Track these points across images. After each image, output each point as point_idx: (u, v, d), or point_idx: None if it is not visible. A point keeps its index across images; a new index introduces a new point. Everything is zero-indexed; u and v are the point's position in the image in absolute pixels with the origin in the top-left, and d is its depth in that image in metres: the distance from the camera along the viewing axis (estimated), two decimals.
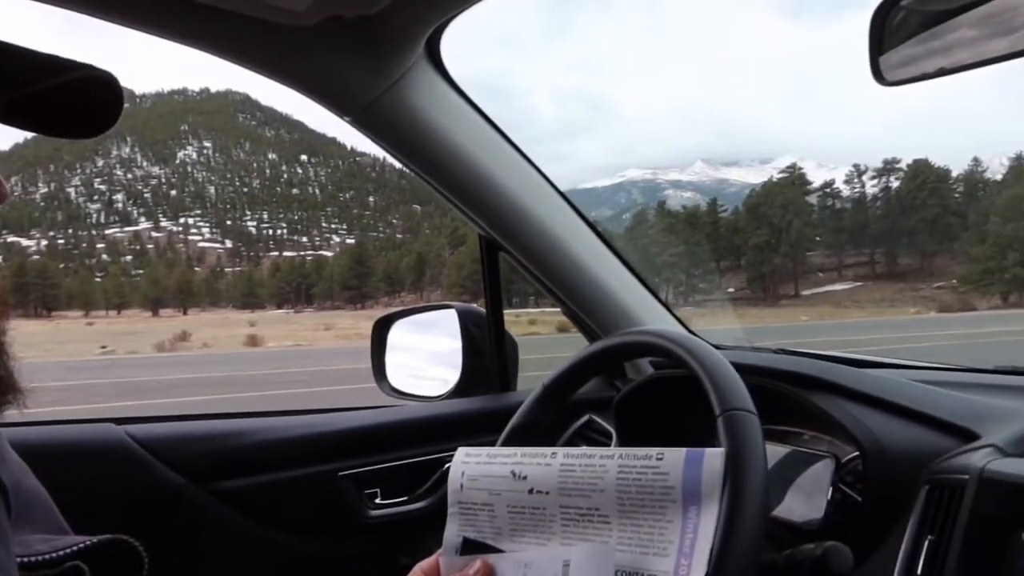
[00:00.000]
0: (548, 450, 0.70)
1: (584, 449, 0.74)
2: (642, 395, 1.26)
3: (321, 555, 1.32)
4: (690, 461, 0.63)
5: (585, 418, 1.43)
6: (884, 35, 0.88)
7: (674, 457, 0.63)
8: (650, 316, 1.45)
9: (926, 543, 0.86)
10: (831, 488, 1.00)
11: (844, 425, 1.00)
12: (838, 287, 71.68)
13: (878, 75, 0.90)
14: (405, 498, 1.36)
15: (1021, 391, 1.18)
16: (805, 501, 1.03)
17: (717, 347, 0.93)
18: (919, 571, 0.85)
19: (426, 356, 1.65)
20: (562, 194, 1.36)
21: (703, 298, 47.47)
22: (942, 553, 0.84)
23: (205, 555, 1.23)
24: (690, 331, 1.40)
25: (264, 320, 57.76)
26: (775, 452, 1.09)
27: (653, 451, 0.64)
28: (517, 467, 0.69)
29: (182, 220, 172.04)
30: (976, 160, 67.34)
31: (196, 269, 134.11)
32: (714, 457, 0.63)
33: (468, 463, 0.73)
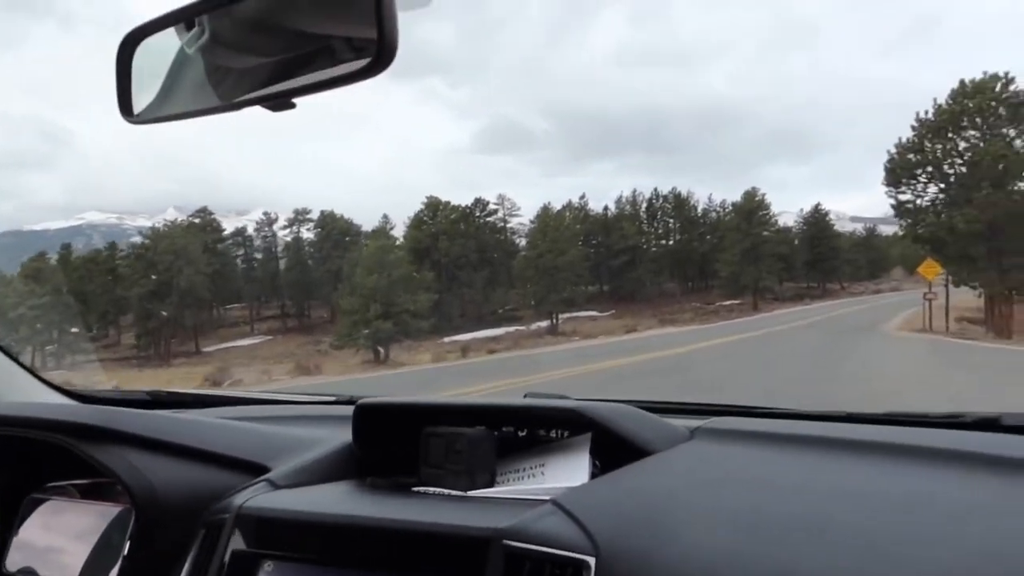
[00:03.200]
0: None
1: None
2: None
3: None
4: None
5: None
6: (131, 72, 0.88)
7: None
8: None
9: None
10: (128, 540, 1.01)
11: (119, 475, 0.99)
12: (245, 342, 66.49)
13: (127, 112, 0.89)
14: None
15: (322, 420, 1.27)
16: (99, 557, 1.03)
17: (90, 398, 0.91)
18: None
19: None
20: None
21: (84, 358, 42.60)
22: None
23: None
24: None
25: None
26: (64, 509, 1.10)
27: None
28: None
29: None
30: (385, 216, 70.04)
31: None
32: None
33: None
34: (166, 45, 0.82)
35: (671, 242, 70.59)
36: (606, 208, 69.47)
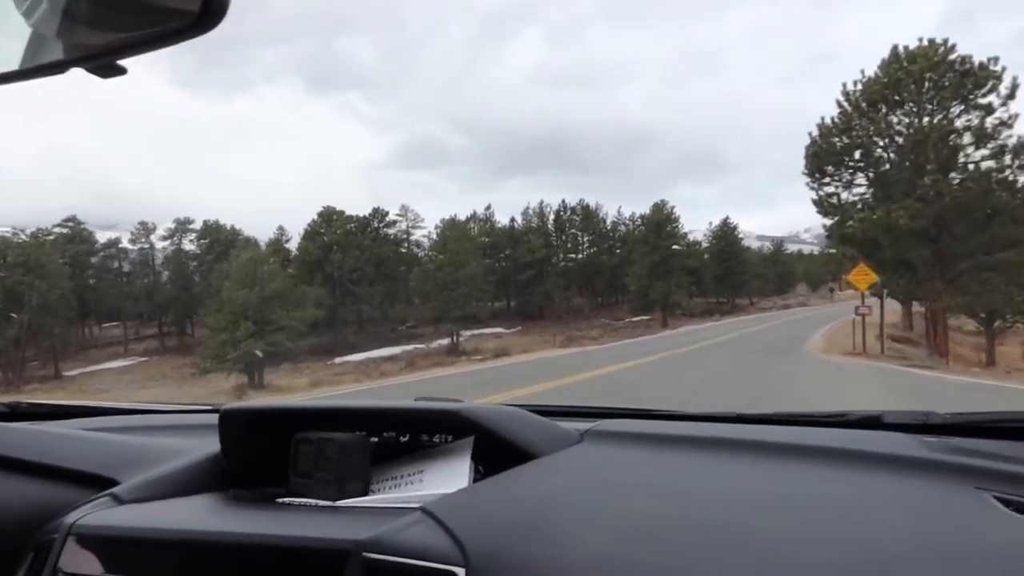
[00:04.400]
0: None
1: None
2: None
3: None
4: None
5: None
6: None
7: None
8: None
9: None
10: None
11: None
12: (116, 364, 60.07)
13: None
14: None
15: (192, 429, 1.23)
16: None
17: None
18: None
19: None
20: None
21: None
22: None
23: None
24: None
25: None
26: None
27: None
28: None
29: None
30: (281, 228, 64.65)
31: None
32: None
33: None
34: None
35: (580, 256, 68.06)
36: (512, 220, 66.63)
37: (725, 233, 70.30)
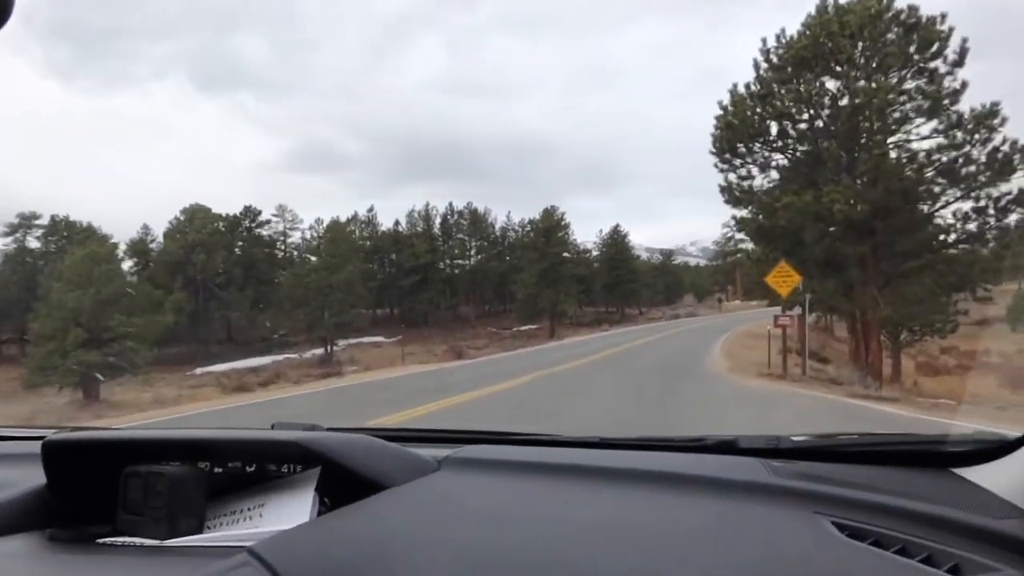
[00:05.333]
0: None
1: None
2: None
3: None
4: None
5: None
6: None
7: None
8: None
9: None
10: None
11: None
12: None
13: None
14: None
15: (18, 459, 1.15)
16: None
17: None
18: None
19: None
20: None
21: None
22: None
23: None
24: None
25: None
26: None
27: None
28: None
29: None
30: (145, 227, 58.67)
31: None
32: None
33: None
34: None
35: (468, 262, 65.52)
36: (397, 223, 63.52)
37: (616, 240, 69.51)
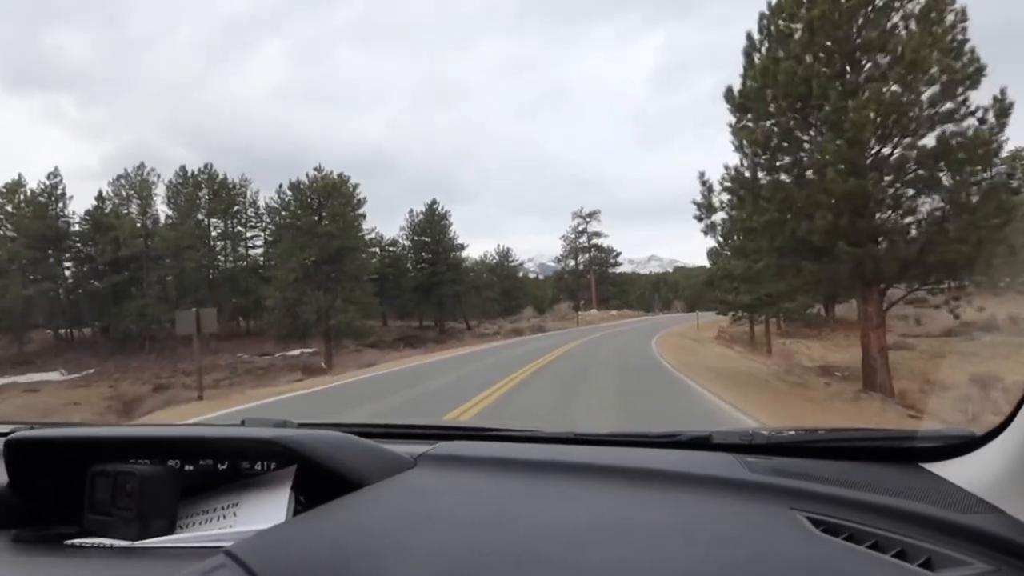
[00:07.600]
0: None
1: None
2: None
3: None
4: None
5: None
6: None
7: None
8: None
9: None
10: None
11: None
12: None
13: None
14: None
15: None
16: None
17: None
18: None
19: None
20: None
21: None
22: None
23: None
24: None
25: None
26: None
27: None
28: None
29: None
30: None
31: None
32: None
33: None
34: None
35: (204, 255, 44.35)
36: (100, 197, 41.69)
37: (432, 222, 51.24)
